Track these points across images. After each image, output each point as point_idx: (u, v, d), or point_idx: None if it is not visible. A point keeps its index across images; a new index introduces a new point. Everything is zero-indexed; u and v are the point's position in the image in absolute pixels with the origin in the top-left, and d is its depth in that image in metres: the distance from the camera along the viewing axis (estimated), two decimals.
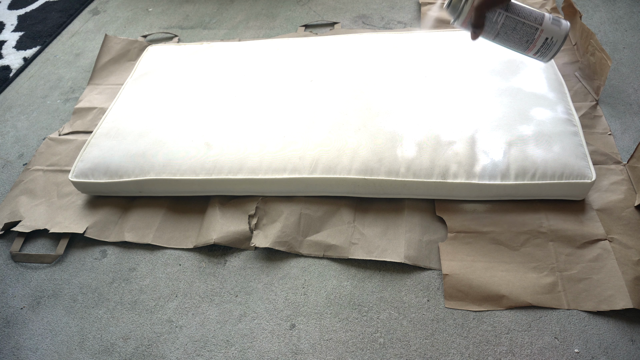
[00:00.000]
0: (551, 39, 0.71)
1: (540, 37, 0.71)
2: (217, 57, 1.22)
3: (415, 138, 0.93)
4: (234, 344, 0.79)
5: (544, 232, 0.84)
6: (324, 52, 1.18)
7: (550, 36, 0.71)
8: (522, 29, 0.71)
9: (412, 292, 0.81)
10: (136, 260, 0.93)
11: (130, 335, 0.82)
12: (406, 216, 0.90)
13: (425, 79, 1.05)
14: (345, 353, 0.76)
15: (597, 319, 0.75)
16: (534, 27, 0.71)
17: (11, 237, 1.00)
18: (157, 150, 0.99)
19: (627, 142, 0.98)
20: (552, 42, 0.72)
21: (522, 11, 0.71)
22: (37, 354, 0.82)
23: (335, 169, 0.91)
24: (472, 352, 0.74)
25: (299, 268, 0.87)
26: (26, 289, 0.92)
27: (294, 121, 1.00)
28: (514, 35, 0.72)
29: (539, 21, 0.71)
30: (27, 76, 1.45)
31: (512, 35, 0.72)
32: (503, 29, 0.71)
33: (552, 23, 0.71)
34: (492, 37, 0.74)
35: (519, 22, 0.71)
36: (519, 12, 0.71)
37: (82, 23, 1.64)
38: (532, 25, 0.71)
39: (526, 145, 0.89)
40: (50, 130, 1.24)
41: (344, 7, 1.49)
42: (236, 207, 0.96)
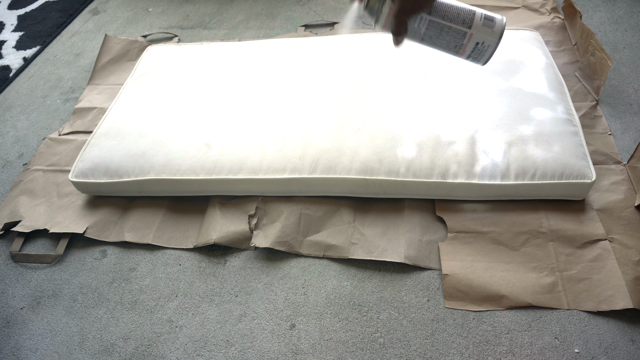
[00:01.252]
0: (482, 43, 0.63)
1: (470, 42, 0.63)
2: (217, 57, 1.22)
3: (415, 138, 0.93)
4: (234, 344, 0.79)
5: (544, 232, 0.84)
6: (324, 52, 1.18)
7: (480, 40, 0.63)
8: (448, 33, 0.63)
9: (412, 292, 0.81)
10: (136, 260, 0.93)
11: (130, 335, 0.82)
12: (406, 216, 0.90)
13: (425, 79, 1.05)
14: (345, 353, 0.76)
15: (597, 319, 0.75)
16: (461, 32, 0.63)
17: (11, 237, 1.00)
18: (157, 150, 0.99)
19: (627, 142, 0.98)
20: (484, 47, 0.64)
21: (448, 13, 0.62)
22: (37, 354, 0.82)
23: (335, 169, 0.91)
24: (472, 352, 0.74)
25: (299, 268, 0.87)
26: (26, 289, 0.92)
27: (294, 121, 1.00)
28: (440, 41, 0.65)
29: (468, 23, 0.62)
30: (27, 76, 1.45)
31: (439, 40, 0.65)
32: (427, 33, 0.64)
33: (483, 24, 0.63)
34: (418, 42, 0.66)
35: (444, 27, 0.63)
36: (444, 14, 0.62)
37: (82, 23, 1.64)
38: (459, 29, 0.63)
39: (526, 145, 0.89)
40: (50, 130, 1.24)
41: (344, 7, 1.49)
42: (236, 207, 0.96)
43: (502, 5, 1.34)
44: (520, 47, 1.09)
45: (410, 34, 0.65)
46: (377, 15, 0.63)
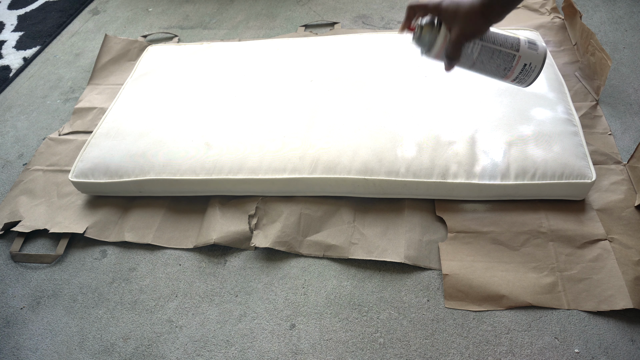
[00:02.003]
0: (529, 64, 0.68)
1: (518, 64, 0.68)
2: (217, 57, 1.22)
3: (415, 138, 0.93)
4: (234, 344, 0.79)
5: (544, 232, 0.84)
6: (324, 52, 1.18)
7: (528, 62, 0.68)
8: (499, 57, 0.68)
9: (412, 292, 0.81)
10: (136, 260, 0.93)
11: (130, 335, 0.82)
12: (406, 216, 0.90)
13: (425, 79, 1.05)
14: (345, 353, 0.76)
15: (597, 319, 0.75)
16: (511, 55, 0.67)
17: (11, 237, 1.00)
18: (157, 150, 0.99)
19: (627, 142, 0.98)
20: (531, 67, 0.68)
21: (498, 38, 0.67)
22: (37, 354, 0.82)
23: (335, 169, 0.91)
24: (472, 352, 0.74)
25: (299, 268, 0.87)
26: (26, 289, 0.92)
27: (294, 121, 1.00)
28: (491, 64, 0.69)
29: (516, 47, 0.67)
30: (27, 76, 1.45)
31: (490, 63, 0.69)
32: (479, 58, 0.68)
33: (528, 48, 0.67)
34: (469, 67, 0.70)
35: (495, 51, 0.67)
36: (495, 39, 0.67)
37: (82, 23, 1.64)
38: (509, 52, 0.67)
39: (526, 145, 0.89)
40: (50, 130, 1.24)
41: (344, 7, 1.49)
42: (236, 207, 0.96)
43: None
44: None
45: (463, 59, 0.69)
46: (430, 44, 0.68)
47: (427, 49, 0.69)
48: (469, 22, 0.64)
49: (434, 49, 0.68)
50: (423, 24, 0.67)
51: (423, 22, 0.67)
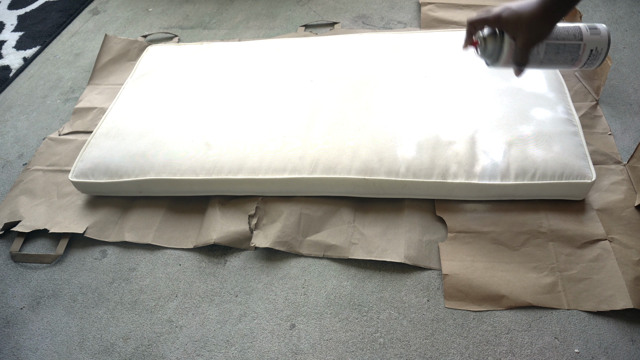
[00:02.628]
0: (595, 49, 0.68)
1: (585, 51, 0.68)
2: (217, 57, 1.22)
3: (415, 138, 0.93)
4: (234, 344, 0.79)
5: (544, 232, 0.84)
6: (324, 52, 1.18)
7: (594, 47, 0.68)
8: (564, 50, 0.68)
9: (412, 292, 0.81)
10: (136, 260, 0.93)
11: (130, 335, 0.82)
12: (406, 216, 0.90)
13: (425, 79, 1.05)
14: (345, 353, 0.76)
15: (597, 319, 0.75)
16: (576, 45, 0.68)
17: (11, 237, 1.00)
18: (157, 150, 0.99)
19: (627, 142, 0.98)
20: (598, 51, 0.68)
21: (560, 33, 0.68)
22: (37, 354, 0.82)
23: (335, 169, 0.91)
24: (472, 352, 0.74)
25: (299, 268, 0.87)
26: (26, 289, 0.92)
27: (294, 121, 1.00)
28: (558, 58, 0.69)
29: (579, 37, 0.68)
30: (27, 76, 1.45)
31: (557, 58, 0.69)
32: (546, 56, 0.69)
33: (591, 34, 0.68)
34: (537, 66, 0.71)
35: (561, 46, 0.68)
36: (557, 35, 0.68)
37: (82, 23, 1.64)
38: (573, 44, 0.68)
39: (526, 145, 0.89)
40: (50, 130, 1.24)
41: (344, 7, 1.49)
42: (236, 207, 0.96)
43: None
44: None
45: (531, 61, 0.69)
46: (496, 55, 0.68)
47: (494, 60, 0.69)
48: (533, 28, 0.64)
49: (501, 59, 0.68)
50: (486, 36, 0.68)
51: (486, 35, 0.68)
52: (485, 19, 0.67)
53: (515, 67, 0.70)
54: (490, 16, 0.67)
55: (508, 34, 0.66)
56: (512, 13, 0.64)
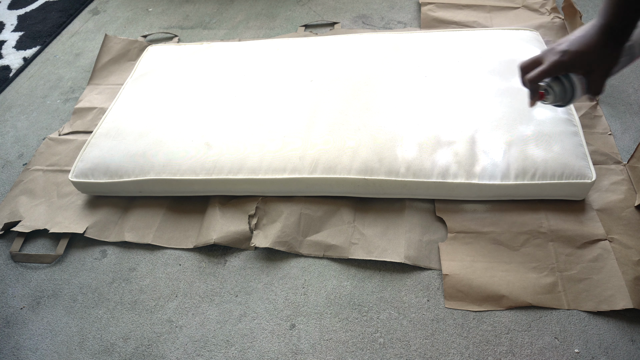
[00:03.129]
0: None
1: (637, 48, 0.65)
2: (217, 57, 1.22)
3: (415, 138, 0.93)
4: (234, 344, 0.79)
5: (544, 232, 0.84)
6: (324, 52, 1.18)
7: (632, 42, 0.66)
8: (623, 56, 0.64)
9: (412, 292, 0.81)
10: (136, 260, 0.93)
11: (130, 335, 0.82)
12: (406, 216, 0.90)
13: (425, 79, 1.05)
14: (345, 353, 0.76)
15: (597, 319, 0.75)
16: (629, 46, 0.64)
17: (11, 237, 1.00)
18: (157, 150, 0.99)
19: (627, 142, 0.98)
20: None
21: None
22: (37, 354, 0.82)
23: (335, 169, 0.91)
24: (472, 352, 0.74)
25: (299, 268, 0.87)
26: (26, 289, 0.92)
27: (294, 121, 1.00)
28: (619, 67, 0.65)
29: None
30: (27, 76, 1.45)
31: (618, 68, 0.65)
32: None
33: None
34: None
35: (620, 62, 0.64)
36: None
37: (82, 23, 1.64)
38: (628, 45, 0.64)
39: (526, 145, 0.89)
40: (50, 130, 1.24)
41: (344, 7, 1.49)
42: (236, 207, 0.96)
43: (502, 5, 1.34)
44: (520, 47, 1.09)
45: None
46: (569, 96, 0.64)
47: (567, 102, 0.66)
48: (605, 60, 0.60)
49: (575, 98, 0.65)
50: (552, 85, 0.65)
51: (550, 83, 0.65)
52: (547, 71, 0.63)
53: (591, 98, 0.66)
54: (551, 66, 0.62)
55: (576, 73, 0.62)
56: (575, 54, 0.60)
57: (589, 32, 0.59)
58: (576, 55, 0.60)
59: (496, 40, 1.12)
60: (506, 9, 1.34)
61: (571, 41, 0.60)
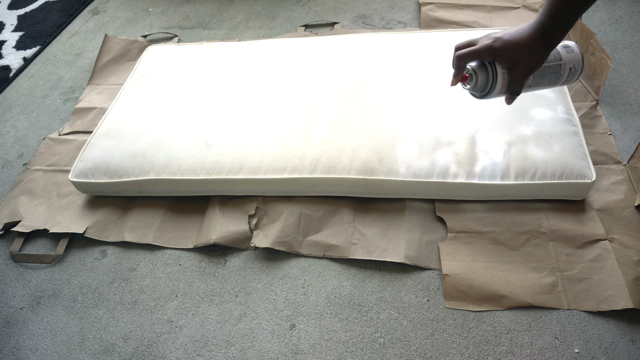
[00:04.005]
0: (574, 66, 0.71)
1: (565, 70, 0.71)
2: (217, 57, 1.22)
3: (415, 138, 0.93)
4: (234, 344, 0.79)
5: (544, 232, 0.84)
6: (324, 52, 1.18)
7: (572, 64, 0.71)
8: (548, 71, 0.70)
9: (412, 292, 0.81)
10: (136, 260, 0.93)
11: (130, 335, 0.82)
12: (406, 216, 0.90)
13: (425, 79, 1.05)
14: (345, 353, 0.76)
15: (597, 319, 0.75)
16: (557, 65, 0.70)
17: (11, 237, 1.00)
18: (157, 150, 0.99)
19: (627, 142, 0.98)
20: (575, 68, 0.71)
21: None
22: (37, 354, 0.82)
23: (335, 169, 0.91)
24: (472, 352, 0.74)
25: (299, 268, 0.87)
26: (26, 289, 0.92)
27: (294, 121, 1.00)
28: (543, 80, 0.71)
29: (558, 57, 0.70)
30: (27, 76, 1.45)
31: (542, 80, 0.71)
32: (534, 80, 0.70)
33: (567, 52, 0.70)
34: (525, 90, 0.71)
35: (545, 68, 0.69)
36: None
37: (82, 23, 1.64)
38: (555, 64, 0.70)
39: (526, 145, 0.89)
40: (50, 130, 1.24)
41: (344, 7, 1.49)
42: (236, 207, 0.96)
43: (502, 5, 1.34)
44: None
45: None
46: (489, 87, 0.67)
47: (485, 94, 0.69)
48: (532, 57, 0.62)
49: (493, 91, 0.67)
50: (476, 69, 0.67)
51: (475, 68, 0.67)
52: (476, 52, 0.64)
53: (508, 97, 0.68)
54: (481, 48, 0.63)
55: (501, 65, 0.64)
56: (506, 43, 0.61)
57: (524, 27, 0.61)
58: (506, 44, 0.61)
59: None
60: (506, 9, 1.34)
61: (507, 32, 0.62)
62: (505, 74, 0.65)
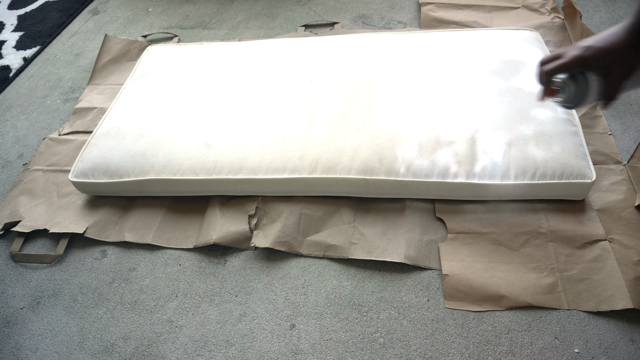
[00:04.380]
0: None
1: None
2: (217, 57, 1.22)
3: (415, 138, 0.93)
4: (234, 344, 0.79)
5: (544, 233, 0.84)
6: (324, 52, 1.18)
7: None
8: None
9: (412, 292, 0.81)
10: (136, 260, 0.93)
11: (130, 335, 0.82)
12: (406, 216, 0.90)
13: (425, 79, 1.05)
14: (345, 353, 0.76)
15: (597, 319, 0.75)
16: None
17: (11, 237, 1.00)
18: (157, 150, 0.99)
19: (627, 142, 0.98)
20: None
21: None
22: (37, 354, 0.82)
23: (335, 169, 0.91)
24: (472, 352, 0.74)
25: (299, 268, 0.87)
26: (26, 289, 0.92)
27: (294, 121, 1.00)
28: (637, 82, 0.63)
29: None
30: (27, 76, 1.45)
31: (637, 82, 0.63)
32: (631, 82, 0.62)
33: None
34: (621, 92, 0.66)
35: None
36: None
37: (82, 23, 1.64)
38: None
39: (526, 145, 0.89)
40: (50, 130, 1.24)
41: (344, 7, 1.49)
42: (236, 207, 0.96)
43: (502, 5, 1.34)
44: (520, 47, 1.09)
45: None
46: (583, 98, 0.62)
47: (578, 103, 0.64)
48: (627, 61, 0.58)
49: (587, 100, 0.63)
50: (567, 81, 0.62)
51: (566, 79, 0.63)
52: (566, 65, 0.60)
53: (604, 102, 0.64)
54: (571, 60, 0.60)
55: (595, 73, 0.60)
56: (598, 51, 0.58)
57: (616, 31, 0.58)
58: (599, 51, 0.58)
59: (496, 40, 1.12)
60: (506, 9, 1.34)
61: (596, 38, 0.59)
62: (599, 82, 0.60)
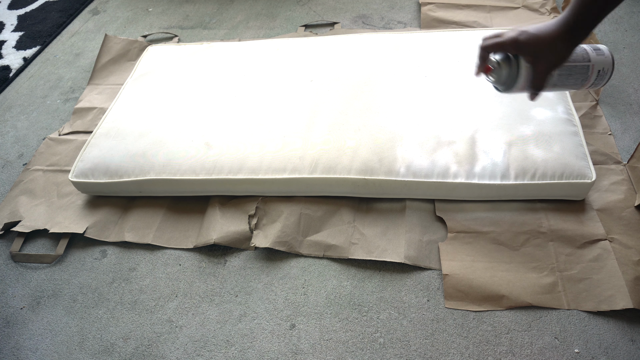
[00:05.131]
0: (603, 69, 0.69)
1: (593, 72, 0.69)
2: (217, 57, 1.22)
3: (415, 138, 0.93)
4: (234, 344, 0.79)
5: (544, 232, 0.84)
6: (324, 52, 1.18)
7: (601, 67, 0.69)
8: (575, 72, 0.68)
9: (412, 292, 0.81)
10: (136, 260, 0.93)
11: (130, 335, 0.82)
12: (406, 216, 0.90)
13: (425, 79, 1.05)
14: (345, 353, 0.76)
15: (597, 319, 0.75)
16: (585, 67, 0.68)
17: (11, 237, 1.00)
18: (157, 150, 0.99)
19: (627, 142, 0.98)
20: (604, 71, 0.70)
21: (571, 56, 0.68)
22: (37, 354, 0.82)
23: (335, 169, 0.91)
24: (472, 352, 0.74)
25: (299, 268, 0.87)
26: (26, 289, 0.92)
27: (294, 121, 1.00)
28: (569, 80, 0.69)
29: (587, 58, 0.68)
30: (27, 76, 1.45)
31: (568, 80, 0.69)
32: (559, 79, 0.68)
33: (597, 55, 0.69)
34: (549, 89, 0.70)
35: (572, 68, 0.67)
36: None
37: (82, 23, 1.64)
38: (582, 65, 0.68)
39: (526, 145, 0.89)
40: (50, 130, 1.24)
41: (344, 7, 1.49)
42: (236, 207, 0.96)
43: (502, 5, 1.34)
44: None
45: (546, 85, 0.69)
46: (512, 81, 0.66)
47: (508, 86, 0.68)
48: (555, 51, 0.62)
49: (517, 85, 0.66)
50: (501, 62, 0.66)
51: (500, 60, 0.66)
52: (501, 44, 0.64)
53: (531, 92, 0.67)
54: (506, 40, 0.63)
55: (525, 59, 0.64)
56: (531, 36, 0.62)
57: (552, 22, 0.62)
58: (531, 37, 0.62)
59: None
60: (506, 9, 1.34)
61: (535, 26, 0.63)
62: (529, 68, 0.65)
